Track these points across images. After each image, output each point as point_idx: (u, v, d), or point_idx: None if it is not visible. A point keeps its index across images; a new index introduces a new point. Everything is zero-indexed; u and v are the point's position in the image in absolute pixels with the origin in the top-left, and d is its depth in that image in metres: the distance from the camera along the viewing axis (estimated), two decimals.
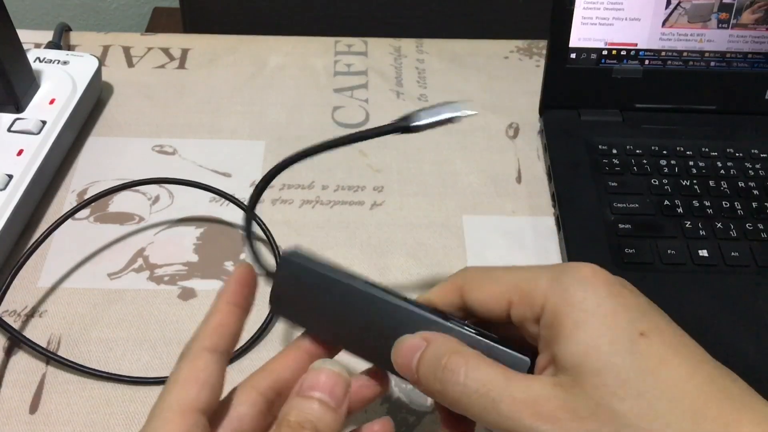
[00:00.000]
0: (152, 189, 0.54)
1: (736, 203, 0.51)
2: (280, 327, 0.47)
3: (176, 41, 0.67)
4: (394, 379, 0.34)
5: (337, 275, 0.32)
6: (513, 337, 0.31)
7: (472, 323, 0.32)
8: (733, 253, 0.48)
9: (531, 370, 0.30)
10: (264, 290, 0.34)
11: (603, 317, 0.27)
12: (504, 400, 0.27)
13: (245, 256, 0.50)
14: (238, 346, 0.45)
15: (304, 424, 0.29)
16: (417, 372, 0.30)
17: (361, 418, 0.42)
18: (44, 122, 0.53)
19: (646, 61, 0.56)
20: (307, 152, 0.39)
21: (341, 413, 0.30)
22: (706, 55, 0.56)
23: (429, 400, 0.43)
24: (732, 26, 0.55)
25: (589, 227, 0.50)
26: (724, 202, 0.51)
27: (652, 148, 0.55)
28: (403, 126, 0.38)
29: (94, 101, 0.60)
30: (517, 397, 0.27)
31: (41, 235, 0.47)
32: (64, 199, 0.53)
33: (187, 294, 0.48)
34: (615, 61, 0.56)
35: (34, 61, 0.57)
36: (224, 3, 0.92)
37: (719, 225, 0.50)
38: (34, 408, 0.42)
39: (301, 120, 0.60)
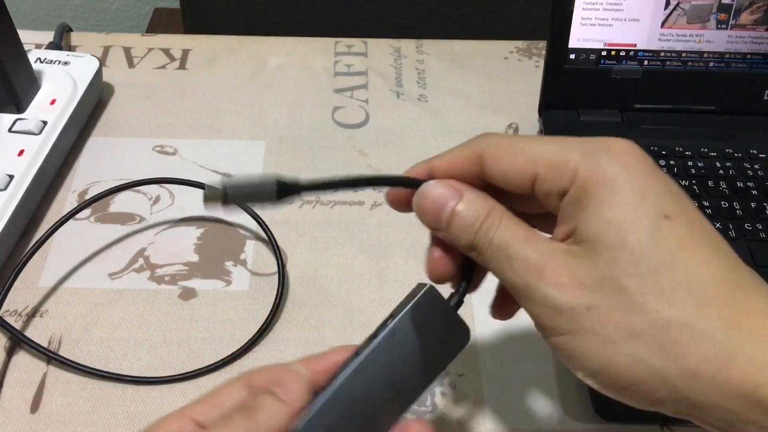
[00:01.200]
0: (153, 189, 0.54)
1: (734, 203, 0.51)
2: (279, 327, 0.47)
3: (177, 42, 0.67)
4: None
5: None
6: (529, 209, 0.31)
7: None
8: None
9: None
10: (265, 290, 0.34)
11: (631, 195, 0.27)
12: (518, 258, 0.28)
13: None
14: (237, 347, 0.45)
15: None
16: (448, 223, 0.30)
17: None
18: (45, 122, 0.53)
19: (645, 62, 0.57)
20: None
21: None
22: (705, 55, 0.56)
23: (428, 400, 0.43)
24: (731, 27, 0.55)
25: None
26: (722, 203, 0.51)
27: (651, 148, 0.55)
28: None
29: (94, 102, 0.60)
30: (530, 257, 0.28)
31: (42, 235, 0.47)
32: (65, 199, 0.53)
33: (188, 294, 0.48)
34: (614, 62, 0.56)
35: (35, 62, 0.57)
36: (224, 3, 0.92)
37: (718, 225, 0.50)
38: (35, 407, 0.42)
39: (301, 120, 0.61)
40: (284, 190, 0.29)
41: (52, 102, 0.55)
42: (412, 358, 0.30)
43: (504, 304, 0.34)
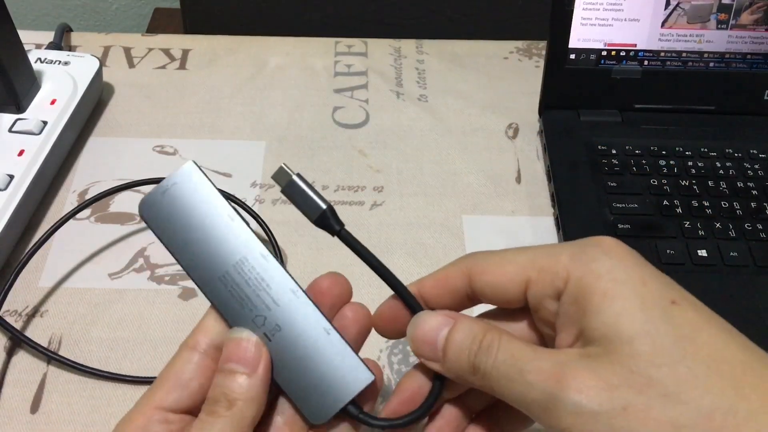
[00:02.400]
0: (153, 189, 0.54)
1: (735, 203, 0.51)
2: None
3: (177, 42, 0.67)
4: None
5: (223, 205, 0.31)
6: (518, 327, 0.31)
7: None
8: (732, 253, 0.48)
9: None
10: None
11: (633, 286, 0.26)
12: (531, 369, 0.26)
13: None
14: None
15: (217, 398, 0.28)
16: (444, 351, 0.29)
17: None
18: (45, 123, 0.53)
19: (646, 62, 0.57)
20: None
21: (257, 378, 0.29)
22: (705, 55, 0.56)
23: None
24: (731, 27, 0.55)
25: (589, 227, 0.50)
26: (723, 202, 0.51)
27: (652, 148, 0.55)
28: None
29: (94, 102, 0.60)
30: (545, 366, 0.26)
31: (43, 235, 0.47)
32: (65, 199, 0.54)
33: (188, 294, 0.48)
34: (614, 62, 0.56)
35: (35, 62, 0.57)
36: (224, 3, 0.92)
37: (718, 225, 0.50)
38: (35, 407, 0.42)
39: (301, 120, 0.61)
40: (323, 223, 0.31)
41: (52, 102, 0.55)
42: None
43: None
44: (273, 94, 0.63)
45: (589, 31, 0.55)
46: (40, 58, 0.58)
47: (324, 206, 0.31)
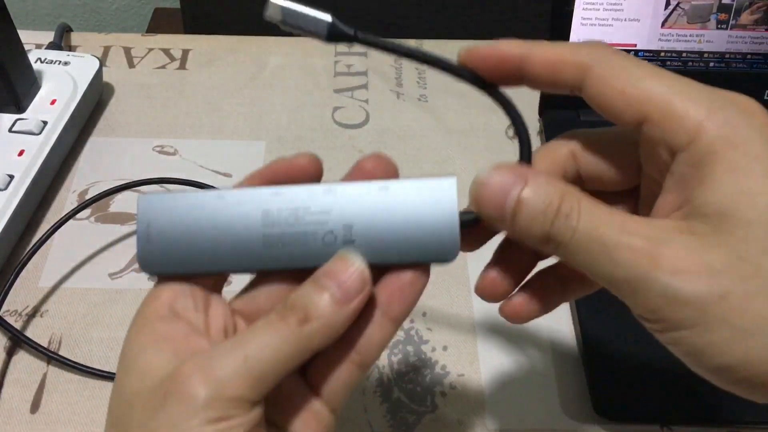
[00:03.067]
0: (153, 189, 0.54)
1: None
2: None
3: (177, 42, 0.67)
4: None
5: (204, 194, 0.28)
6: (602, 186, 0.28)
7: None
8: None
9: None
10: None
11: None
12: (618, 246, 0.23)
13: None
14: None
15: (296, 306, 0.26)
16: (514, 215, 0.25)
17: (361, 419, 0.43)
18: (45, 123, 0.53)
19: None
20: None
21: (346, 311, 0.26)
22: (706, 55, 0.56)
23: (428, 400, 0.43)
24: (731, 27, 0.55)
25: None
26: None
27: None
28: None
29: (94, 102, 0.60)
30: (635, 243, 0.23)
31: (43, 235, 0.47)
32: (65, 199, 0.54)
33: None
34: None
35: (35, 62, 0.57)
36: (224, 3, 0.92)
37: None
38: (35, 408, 0.42)
39: (301, 120, 0.61)
40: (336, 33, 0.29)
41: (52, 102, 0.55)
42: (386, 224, 0.27)
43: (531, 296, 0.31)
44: (273, 94, 0.63)
45: (589, 31, 0.55)
46: (40, 58, 0.58)
47: (329, 17, 0.29)
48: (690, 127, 0.24)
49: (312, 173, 0.30)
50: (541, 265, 0.31)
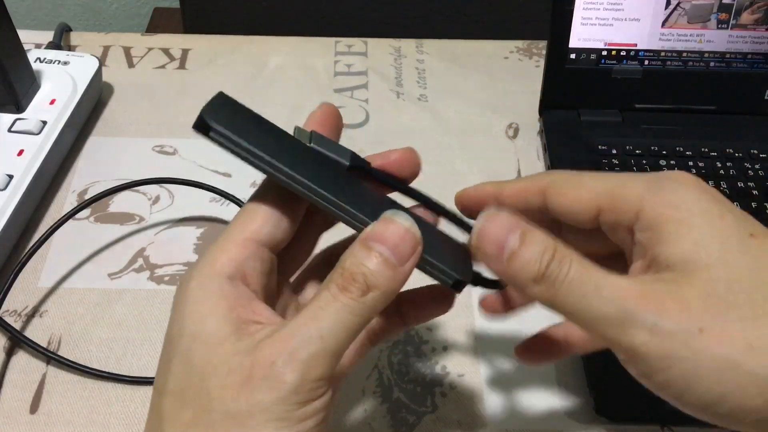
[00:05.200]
0: (152, 189, 0.54)
1: (735, 203, 0.51)
2: None
3: (176, 41, 0.67)
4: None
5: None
6: (593, 245, 0.31)
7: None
8: None
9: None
10: None
11: (710, 217, 0.26)
12: (609, 286, 0.26)
13: None
14: None
15: (356, 276, 0.26)
16: (515, 253, 0.27)
17: (361, 419, 0.43)
18: (45, 122, 0.53)
19: (646, 62, 0.56)
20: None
21: (402, 273, 0.27)
22: (706, 55, 0.56)
23: (428, 400, 0.43)
24: (731, 27, 0.55)
25: None
26: None
27: (652, 148, 0.55)
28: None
29: (94, 101, 0.60)
30: (623, 285, 0.26)
31: (42, 235, 0.47)
32: (65, 199, 0.53)
33: None
34: (615, 62, 0.56)
35: (35, 62, 0.57)
36: (224, 3, 0.92)
37: None
38: (34, 408, 0.42)
39: (301, 120, 0.60)
40: (355, 166, 0.30)
41: (52, 102, 0.55)
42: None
43: (535, 352, 0.35)
44: (273, 94, 0.63)
45: (589, 30, 0.55)
46: (39, 58, 0.58)
47: (348, 155, 0.31)
48: (633, 202, 0.28)
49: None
50: None
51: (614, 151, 0.55)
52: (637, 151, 0.55)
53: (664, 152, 0.55)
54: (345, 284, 0.26)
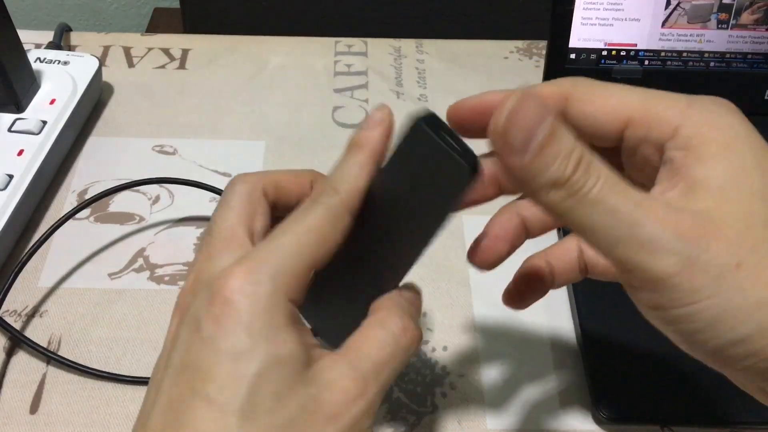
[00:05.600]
0: (152, 189, 0.54)
1: None
2: None
3: (176, 41, 0.67)
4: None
5: None
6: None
7: None
8: None
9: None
10: None
11: (754, 146, 0.25)
12: (645, 206, 0.23)
13: None
14: None
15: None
16: (543, 143, 0.23)
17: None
18: (45, 122, 0.53)
19: (646, 62, 0.56)
20: None
21: (383, 132, 0.29)
22: (706, 55, 0.56)
23: (428, 401, 0.43)
24: (731, 27, 0.55)
25: None
26: None
27: None
28: None
29: (94, 101, 0.60)
30: (655, 206, 0.23)
31: (42, 235, 0.47)
32: (65, 199, 0.53)
33: None
34: (615, 62, 0.56)
35: (35, 62, 0.57)
36: (224, 3, 0.92)
37: None
38: (34, 408, 0.42)
39: (301, 120, 0.61)
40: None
41: (52, 102, 0.55)
42: (405, 203, 0.28)
43: (522, 291, 0.34)
44: (273, 94, 0.63)
45: (589, 30, 0.55)
46: (39, 58, 0.58)
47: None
48: (672, 117, 0.26)
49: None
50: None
51: None
52: None
53: None
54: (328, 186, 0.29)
